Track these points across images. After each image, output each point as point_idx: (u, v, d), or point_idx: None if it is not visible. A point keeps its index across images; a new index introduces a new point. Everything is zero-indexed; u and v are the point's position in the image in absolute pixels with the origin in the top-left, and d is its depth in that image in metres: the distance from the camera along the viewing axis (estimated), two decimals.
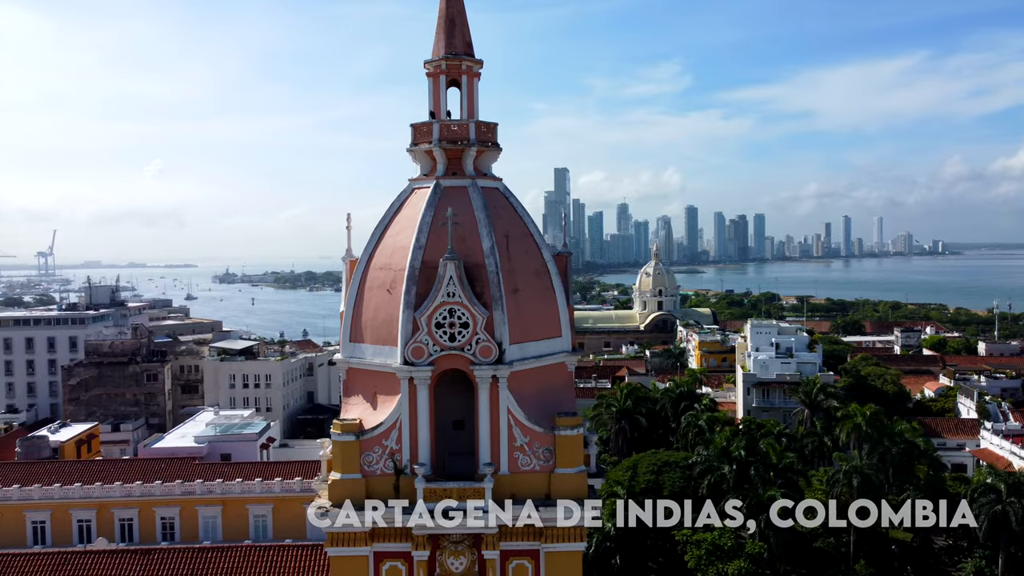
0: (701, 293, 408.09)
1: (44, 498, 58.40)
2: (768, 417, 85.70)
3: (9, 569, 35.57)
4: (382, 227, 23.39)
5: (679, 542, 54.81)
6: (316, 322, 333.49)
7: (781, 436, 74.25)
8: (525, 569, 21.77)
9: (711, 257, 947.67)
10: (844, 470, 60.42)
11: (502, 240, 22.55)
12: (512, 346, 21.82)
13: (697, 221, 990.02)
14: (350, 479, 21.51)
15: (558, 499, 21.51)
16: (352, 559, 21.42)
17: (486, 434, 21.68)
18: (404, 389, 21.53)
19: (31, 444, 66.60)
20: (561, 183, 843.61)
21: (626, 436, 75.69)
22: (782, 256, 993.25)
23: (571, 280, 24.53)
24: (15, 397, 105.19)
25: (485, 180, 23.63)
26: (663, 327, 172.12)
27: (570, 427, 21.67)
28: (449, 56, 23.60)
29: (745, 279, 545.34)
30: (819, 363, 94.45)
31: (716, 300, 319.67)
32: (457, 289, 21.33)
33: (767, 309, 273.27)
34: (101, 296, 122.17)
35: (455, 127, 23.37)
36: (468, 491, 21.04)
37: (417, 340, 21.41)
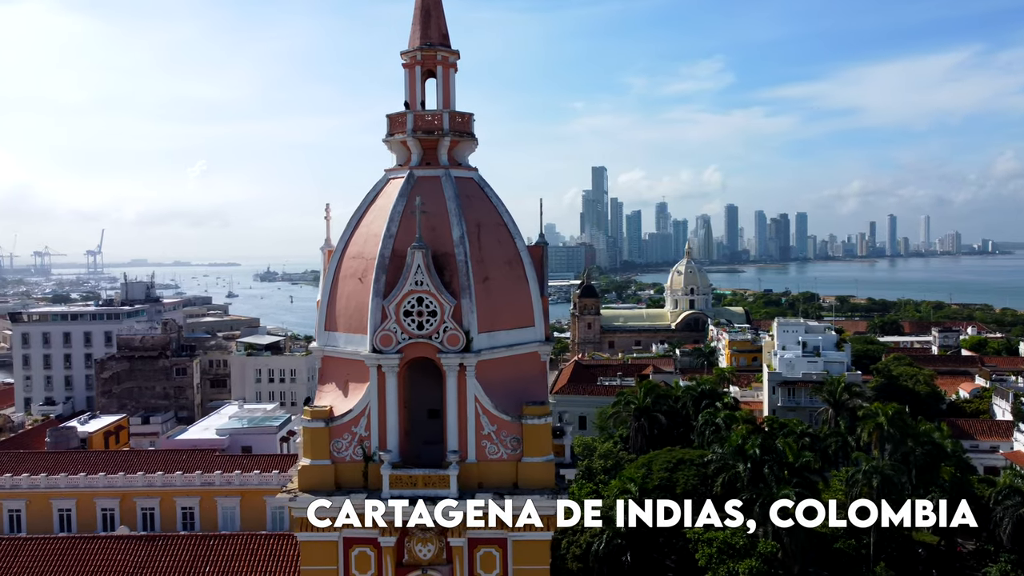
0: (739, 292, 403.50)
1: (70, 487, 59.95)
2: (794, 417, 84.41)
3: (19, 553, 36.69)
4: (357, 217, 23.64)
5: (691, 540, 54.27)
6: None
7: (804, 435, 73.09)
8: (493, 557, 21.80)
9: (751, 256, 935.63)
10: (864, 470, 59.33)
11: (473, 229, 22.62)
12: (481, 335, 21.87)
13: (737, 220, 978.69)
14: (319, 465, 21.78)
15: (524, 488, 21.49)
16: (321, 544, 21.68)
17: (454, 422, 21.77)
18: (373, 377, 21.73)
19: (60, 434, 68.49)
20: (599, 182, 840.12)
21: (645, 434, 75.14)
22: (825, 255, 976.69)
23: (546, 270, 24.45)
24: (53, 390, 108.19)
25: (459, 170, 23.72)
26: (694, 326, 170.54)
27: (537, 416, 21.65)
28: (424, 47, 23.73)
29: (786, 279, 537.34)
30: (847, 362, 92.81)
31: (753, 299, 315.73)
32: (425, 277, 21.45)
33: (804, 309, 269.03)
34: (136, 292, 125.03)
35: (429, 117, 23.50)
36: (433, 478, 21.15)
37: (385, 328, 21.58)
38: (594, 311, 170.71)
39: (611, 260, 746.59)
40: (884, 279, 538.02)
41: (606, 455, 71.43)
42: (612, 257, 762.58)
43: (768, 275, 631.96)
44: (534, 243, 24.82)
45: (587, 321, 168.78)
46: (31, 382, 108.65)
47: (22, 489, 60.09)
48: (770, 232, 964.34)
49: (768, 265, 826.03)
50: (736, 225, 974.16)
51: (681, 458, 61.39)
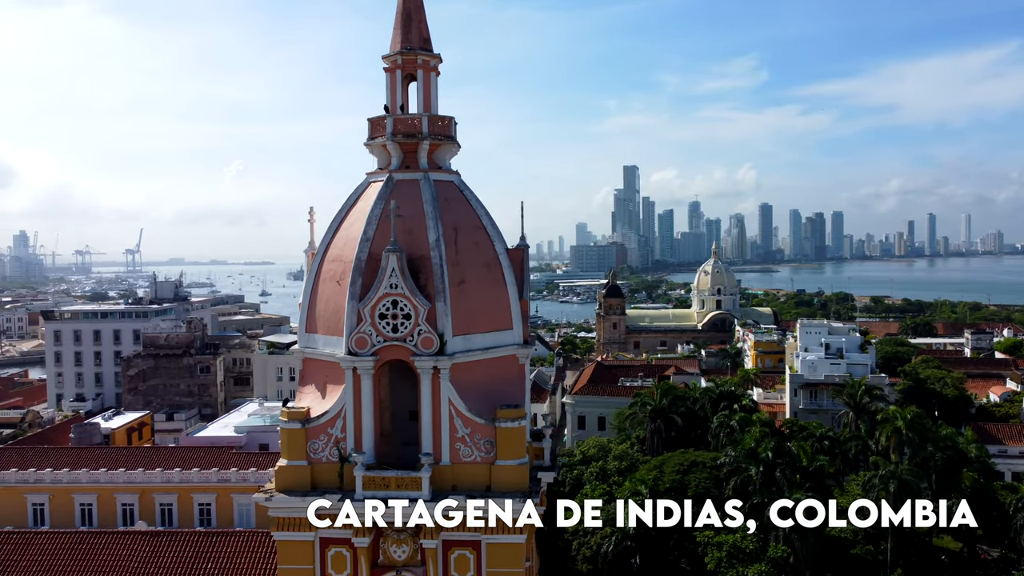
0: (771, 292, 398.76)
1: (91, 482, 61.21)
2: (816, 419, 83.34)
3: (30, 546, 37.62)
4: (338, 220, 23.85)
5: (700, 543, 53.83)
6: None
7: (823, 439, 72.12)
8: (467, 559, 21.86)
9: (786, 256, 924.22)
10: (880, 475, 58.32)
11: (450, 233, 22.69)
12: (456, 338, 21.95)
13: (772, 219, 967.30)
14: (296, 465, 22.05)
15: (498, 491, 21.52)
16: (298, 544, 21.94)
17: (428, 425, 21.89)
18: (348, 379, 21.92)
19: (84, 431, 69.94)
20: (631, 181, 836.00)
21: (661, 435, 74.58)
22: (862, 255, 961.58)
23: (527, 273, 24.43)
24: (84, 386, 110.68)
25: (439, 173, 23.81)
26: (721, 326, 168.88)
27: (511, 419, 21.67)
28: (405, 51, 23.87)
29: (821, 278, 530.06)
30: (871, 364, 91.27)
31: (784, 300, 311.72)
32: (399, 281, 21.58)
33: (837, 310, 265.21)
34: (165, 291, 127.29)
35: (408, 121, 23.62)
36: (406, 480, 21.28)
37: (361, 331, 21.77)
38: (619, 311, 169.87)
39: (642, 259, 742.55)
40: (922, 279, 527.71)
41: (621, 456, 71.12)
42: (644, 256, 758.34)
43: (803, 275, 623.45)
44: (515, 246, 24.79)
45: (612, 321, 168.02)
46: (63, 379, 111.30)
47: (45, 484, 61.51)
48: (805, 231, 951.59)
49: (803, 265, 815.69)
50: (770, 224, 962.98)
51: (694, 460, 60.87)
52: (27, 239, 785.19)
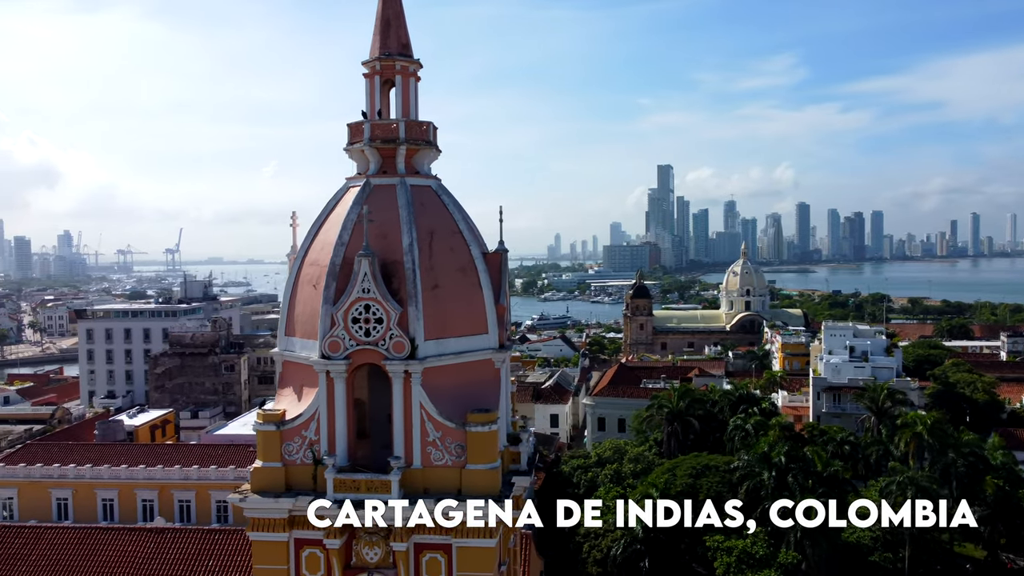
0: (806, 293, 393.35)
1: (112, 478, 62.60)
2: (838, 423, 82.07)
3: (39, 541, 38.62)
4: (317, 225, 24.13)
5: (710, 548, 53.36)
6: None
7: (844, 443, 71.11)
8: (438, 563, 21.98)
9: (824, 256, 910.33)
10: (898, 481, 57.24)
11: (425, 237, 22.83)
12: (428, 342, 22.08)
13: (809, 219, 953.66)
14: (270, 467, 22.37)
15: (468, 495, 21.60)
16: (272, 544, 22.24)
17: (400, 428, 22.05)
18: (322, 382, 22.17)
19: (107, 427, 71.55)
20: (665, 180, 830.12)
21: (678, 438, 74.04)
22: (902, 255, 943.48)
23: (505, 278, 24.46)
24: (115, 384, 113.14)
25: (417, 178, 23.96)
26: (749, 328, 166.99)
27: (481, 423, 21.73)
28: (383, 56, 24.07)
29: (859, 279, 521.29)
30: (897, 368, 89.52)
31: (819, 301, 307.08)
32: (371, 285, 21.78)
33: (872, 311, 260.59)
34: (195, 291, 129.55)
35: (386, 126, 23.81)
36: (376, 483, 21.46)
37: (334, 335, 22.00)
38: (646, 312, 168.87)
39: (676, 259, 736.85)
40: (964, 280, 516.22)
41: (636, 459, 70.76)
42: (678, 256, 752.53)
43: (841, 275, 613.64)
44: (495, 250, 24.85)
45: (639, 322, 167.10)
46: (95, 376, 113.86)
47: (69, 479, 63.04)
48: (844, 231, 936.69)
49: (841, 265, 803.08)
50: (808, 224, 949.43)
51: (707, 464, 60.32)
52: (71, 239, 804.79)
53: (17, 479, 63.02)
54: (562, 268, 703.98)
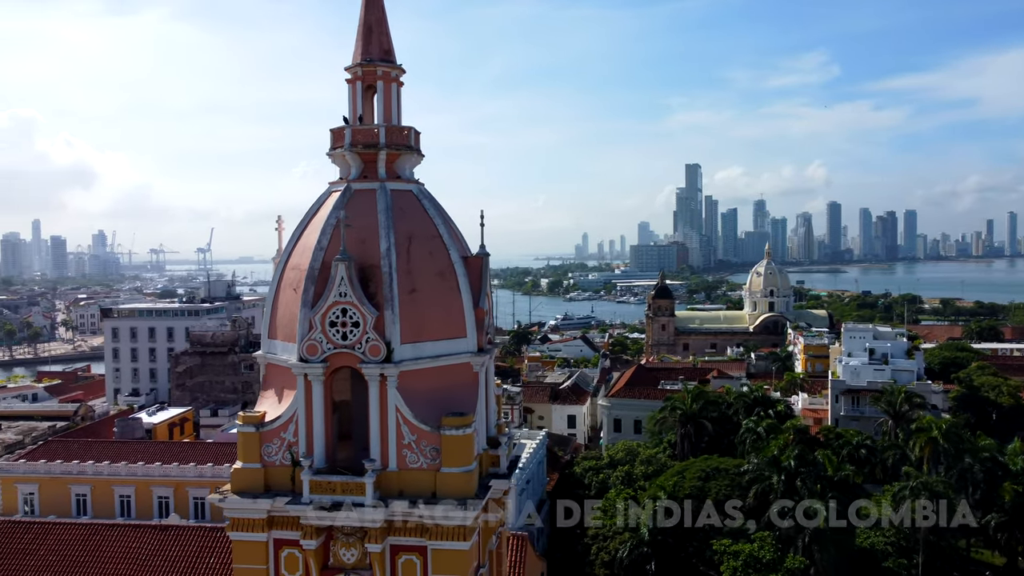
0: (835, 294, 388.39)
1: (129, 475, 63.78)
2: (857, 427, 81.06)
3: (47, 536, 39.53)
4: (300, 229, 24.42)
5: (717, 551, 53.02)
6: None
7: (860, 447, 70.25)
8: (414, 564, 22.18)
9: (855, 256, 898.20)
10: (911, 486, 56.43)
11: (403, 242, 23.02)
12: (404, 346, 22.27)
13: (840, 218, 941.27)
14: (250, 468, 22.70)
15: (443, 497, 21.75)
16: (252, 544, 22.58)
17: (376, 431, 22.27)
18: (300, 385, 22.45)
19: (126, 425, 72.86)
20: (693, 179, 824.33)
21: (691, 441, 73.64)
22: (936, 255, 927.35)
23: (486, 281, 24.56)
24: (139, 381, 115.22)
25: (397, 183, 24.16)
26: (773, 329, 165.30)
27: (455, 427, 21.86)
28: (365, 62, 24.30)
29: (891, 279, 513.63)
30: (918, 370, 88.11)
31: (847, 301, 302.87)
32: (348, 289, 22.01)
33: (902, 312, 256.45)
34: (218, 290, 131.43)
35: (367, 132, 24.05)
36: (351, 485, 21.69)
37: (311, 338, 22.28)
38: (668, 312, 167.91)
39: (704, 259, 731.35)
40: (999, 281, 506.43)
41: (649, 461, 70.51)
42: (706, 256, 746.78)
43: (872, 276, 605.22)
44: (475, 254, 24.96)
45: (661, 323, 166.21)
46: (119, 374, 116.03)
47: (88, 475, 64.29)
48: (876, 231, 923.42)
49: (873, 265, 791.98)
50: (839, 223, 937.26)
51: (716, 467, 59.97)
52: (105, 238, 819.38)
53: (38, 475, 64.48)
54: (589, 268, 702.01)
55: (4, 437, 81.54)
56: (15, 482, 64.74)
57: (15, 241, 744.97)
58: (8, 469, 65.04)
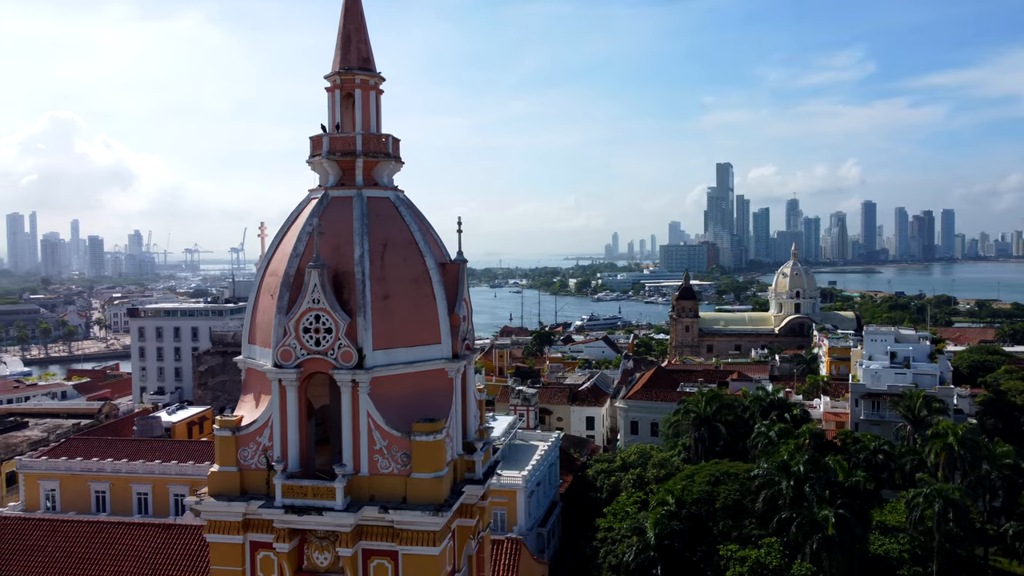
0: (867, 295, 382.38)
1: (147, 473, 65.02)
2: (877, 431, 79.92)
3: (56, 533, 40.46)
4: (280, 235, 24.73)
5: (723, 557, 52.64)
6: None
7: (879, 452, 69.31)
8: (385, 568, 22.37)
9: (891, 256, 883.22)
10: (925, 493, 55.59)
11: (378, 248, 23.21)
12: (377, 352, 22.47)
13: (875, 217, 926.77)
14: (227, 471, 23.06)
15: (414, 503, 21.92)
16: (228, 546, 22.94)
17: (348, 436, 22.48)
18: (275, 390, 22.77)
19: (146, 423, 74.23)
20: (724, 178, 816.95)
21: (705, 444, 73.09)
22: (975, 255, 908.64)
23: (463, 287, 24.68)
24: (164, 380, 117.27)
25: (375, 190, 24.37)
26: (799, 331, 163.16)
27: (426, 433, 21.99)
28: (343, 71, 24.55)
29: (927, 280, 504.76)
30: (941, 374, 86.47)
31: (879, 302, 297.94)
32: (320, 296, 22.27)
33: (935, 314, 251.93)
34: (245, 291, 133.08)
35: (344, 140, 24.30)
36: (322, 490, 21.94)
37: (286, 344, 22.57)
38: (692, 313, 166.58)
39: (735, 259, 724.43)
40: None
41: (661, 464, 70.15)
42: (737, 256, 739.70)
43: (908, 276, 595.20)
44: (452, 260, 25.11)
45: (685, 324, 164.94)
46: (146, 372, 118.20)
47: (107, 473, 65.69)
48: (912, 231, 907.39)
49: (909, 266, 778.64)
50: (874, 223, 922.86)
51: (726, 471, 59.50)
52: (141, 238, 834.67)
53: (59, 472, 65.98)
54: (618, 268, 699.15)
55: (31, 434, 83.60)
56: (38, 479, 66.35)
57: (54, 241, 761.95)
58: (31, 466, 66.66)
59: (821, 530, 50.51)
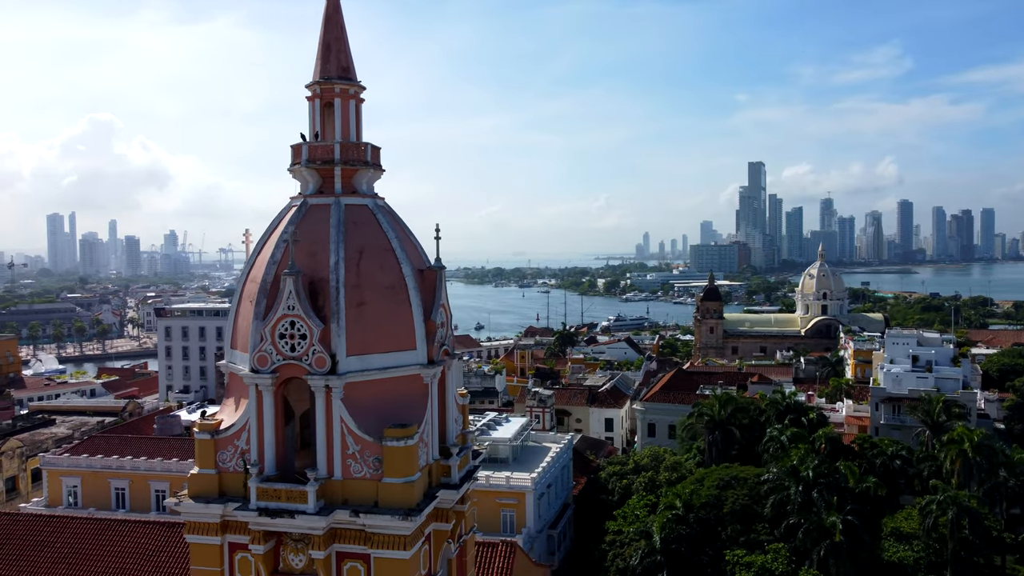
0: (901, 295, 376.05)
1: (164, 470, 66.23)
2: (898, 436, 78.68)
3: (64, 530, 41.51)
4: (262, 242, 25.16)
5: (729, 562, 52.28)
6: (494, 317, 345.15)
7: (896, 458, 68.26)
8: (358, 571, 22.68)
9: (928, 256, 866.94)
10: (938, 500, 54.64)
11: (354, 256, 23.53)
12: (350, 358, 22.79)
13: (912, 217, 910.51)
14: (206, 473, 23.57)
15: (385, 507, 22.20)
16: (207, 547, 23.43)
17: (322, 440, 22.84)
18: (252, 394, 23.20)
19: (165, 422, 75.66)
20: (756, 177, 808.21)
21: (718, 447, 72.52)
22: (1015, 255, 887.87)
23: (441, 294, 24.92)
24: (190, 379, 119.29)
25: (353, 198, 24.71)
26: (825, 333, 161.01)
27: (397, 438, 22.26)
28: (323, 80, 24.94)
29: (965, 281, 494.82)
30: (964, 378, 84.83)
31: (913, 304, 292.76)
32: (295, 302, 22.65)
33: (969, 315, 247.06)
34: None
35: (323, 148, 24.67)
36: (295, 493, 22.31)
37: (262, 349, 22.99)
38: (716, 315, 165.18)
39: (767, 259, 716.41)
40: None
41: (673, 467, 69.80)
42: (769, 256, 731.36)
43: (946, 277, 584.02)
44: (430, 266, 25.35)
45: (709, 325, 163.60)
46: (172, 371, 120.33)
47: (126, 470, 67.08)
48: (950, 230, 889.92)
49: (947, 266, 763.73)
50: (911, 222, 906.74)
51: (735, 475, 59.06)
52: (176, 238, 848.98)
53: (80, 469, 67.49)
54: (648, 268, 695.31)
55: (57, 431, 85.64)
56: (60, 475, 67.93)
57: (93, 241, 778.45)
58: (54, 462, 68.29)
59: (829, 536, 49.96)
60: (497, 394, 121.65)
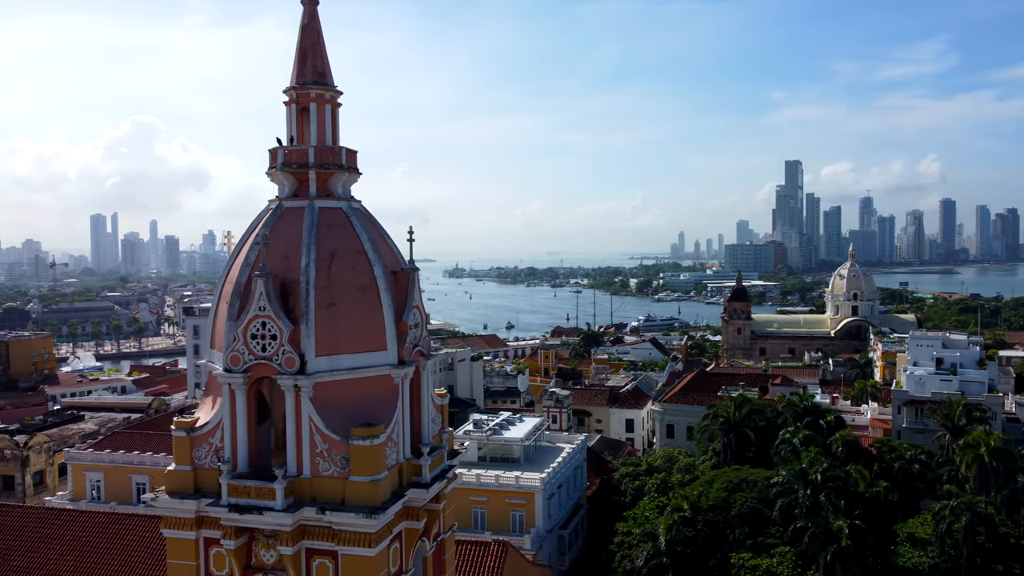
0: (941, 296, 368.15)
1: None
2: (921, 440, 77.38)
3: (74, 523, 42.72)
4: (241, 244, 25.72)
5: (735, 565, 51.94)
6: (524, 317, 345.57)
7: (915, 461, 67.20)
8: (327, 567, 23.14)
9: (971, 256, 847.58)
10: (952, 506, 53.68)
11: (325, 257, 23.98)
12: (320, 358, 23.24)
13: (955, 216, 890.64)
14: (182, 470, 24.21)
15: (351, 505, 22.60)
16: (183, 541, 24.07)
17: (292, 439, 23.32)
18: (225, 393, 23.77)
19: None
20: (792, 176, 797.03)
21: (733, 450, 71.93)
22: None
23: (414, 295, 25.28)
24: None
25: (328, 200, 25.16)
26: (855, 334, 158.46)
27: (362, 437, 22.64)
28: (299, 85, 25.43)
29: (1009, 281, 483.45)
30: (990, 382, 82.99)
31: (951, 305, 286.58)
32: (266, 303, 23.15)
33: (1009, 317, 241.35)
34: None
35: (299, 152, 25.16)
36: (263, 490, 22.81)
37: (235, 349, 23.54)
38: (744, 315, 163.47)
39: (804, 259, 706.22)
40: None
41: (686, 469, 69.46)
42: (806, 256, 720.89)
43: (989, 277, 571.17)
44: (402, 268, 25.72)
45: (736, 326, 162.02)
46: (200, 369, 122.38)
47: (147, 466, 68.57)
48: (995, 229, 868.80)
49: (991, 266, 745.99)
50: (953, 221, 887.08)
51: (745, 478, 58.61)
52: (214, 237, 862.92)
53: (103, 463, 69.15)
54: (682, 268, 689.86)
55: (85, 427, 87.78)
56: (84, 470, 69.74)
57: (134, 240, 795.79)
58: (79, 457, 70.10)
59: (836, 541, 49.36)
60: (520, 394, 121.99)
